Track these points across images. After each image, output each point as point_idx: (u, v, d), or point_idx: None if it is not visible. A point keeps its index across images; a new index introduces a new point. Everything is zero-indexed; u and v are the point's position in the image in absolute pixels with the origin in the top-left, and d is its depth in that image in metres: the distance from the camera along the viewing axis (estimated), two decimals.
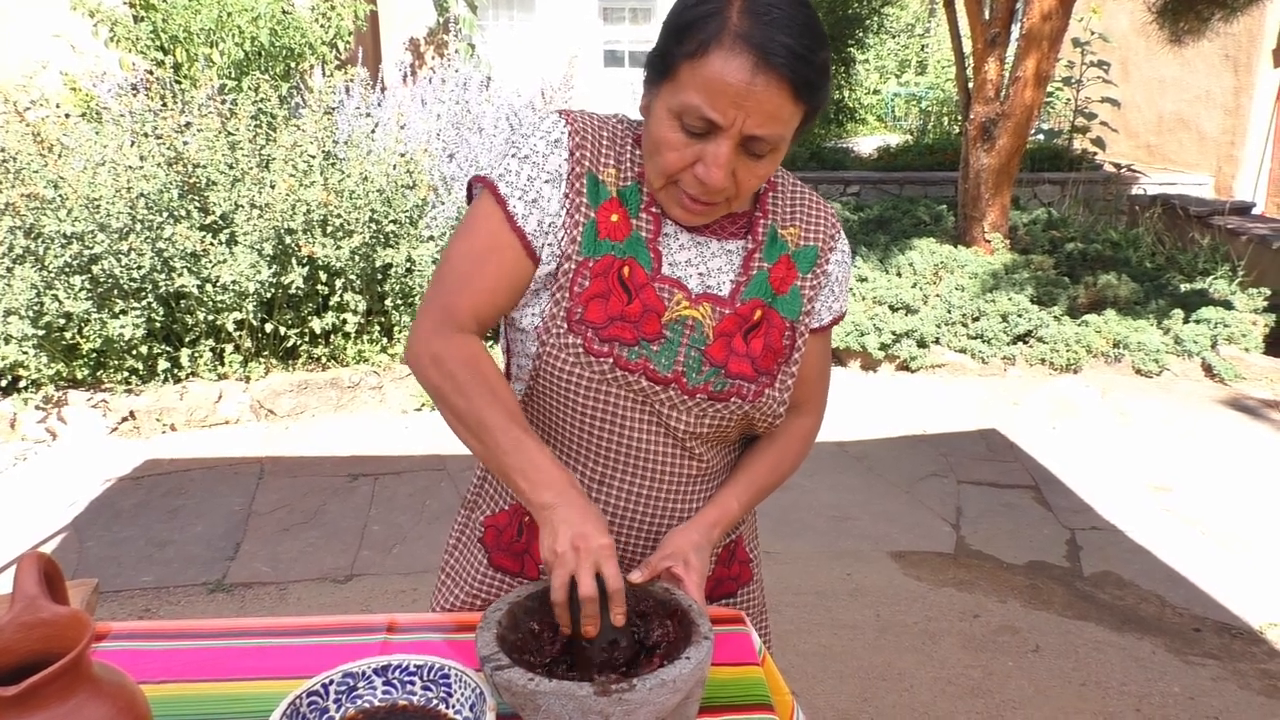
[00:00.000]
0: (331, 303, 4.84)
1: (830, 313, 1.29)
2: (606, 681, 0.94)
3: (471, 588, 1.30)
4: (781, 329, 1.21)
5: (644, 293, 1.15)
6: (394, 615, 1.20)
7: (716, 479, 1.27)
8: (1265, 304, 5.91)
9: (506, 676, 0.93)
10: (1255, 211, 8.04)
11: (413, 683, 1.02)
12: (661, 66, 1.08)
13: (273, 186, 4.61)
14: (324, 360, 4.95)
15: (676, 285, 1.17)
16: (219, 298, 4.51)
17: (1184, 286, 6.29)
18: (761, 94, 1.02)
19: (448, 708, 1.00)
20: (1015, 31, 6.51)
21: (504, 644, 1.00)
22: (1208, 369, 5.40)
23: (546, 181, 1.15)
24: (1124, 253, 6.88)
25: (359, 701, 1.00)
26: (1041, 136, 9.81)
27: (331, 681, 0.99)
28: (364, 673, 1.01)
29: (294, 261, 4.62)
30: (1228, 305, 5.86)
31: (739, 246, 1.22)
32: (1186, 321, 5.66)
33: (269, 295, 4.68)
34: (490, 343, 4.53)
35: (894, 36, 12.65)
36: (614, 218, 1.16)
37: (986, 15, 6.44)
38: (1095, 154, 9.43)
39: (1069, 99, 9.63)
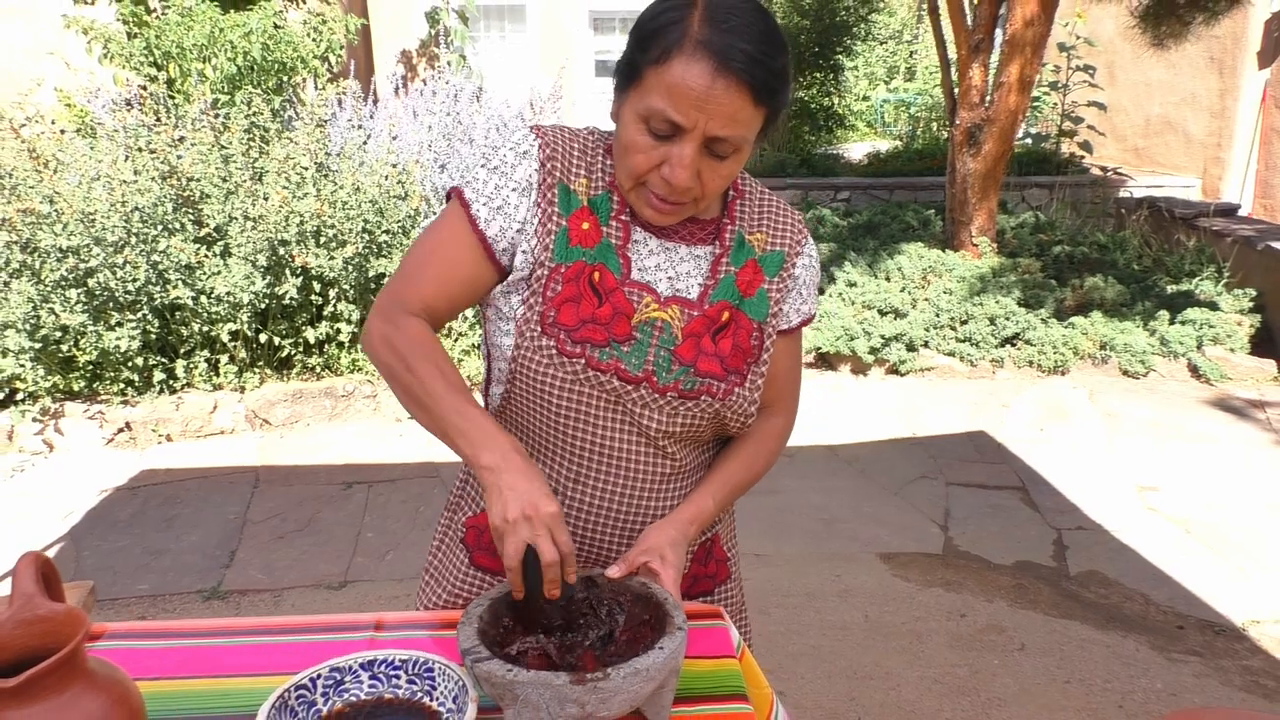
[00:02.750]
0: (325, 312, 4.88)
1: (799, 315, 1.34)
2: (582, 671, 0.98)
3: (454, 586, 1.34)
4: (749, 330, 1.26)
5: (614, 296, 1.20)
6: (382, 614, 1.24)
7: (691, 478, 1.31)
8: (1250, 304, 5.96)
9: (486, 668, 0.96)
10: (1241, 213, 8.10)
11: (398, 677, 1.05)
12: (628, 73, 1.14)
13: (266, 198, 4.66)
14: (318, 370, 4.98)
15: (645, 289, 1.22)
16: (214, 309, 4.55)
17: (1170, 288, 6.35)
18: (722, 97, 1.08)
19: (431, 700, 1.03)
20: (999, 38, 6.57)
21: (484, 638, 1.03)
22: (1193, 370, 5.46)
23: (513, 190, 1.21)
24: (1111, 255, 6.93)
25: (345, 695, 1.03)
26: (1029, 140, 9.88)
27: (319, 676, 1.02)
28: (350, 667, 1.04)
29: (288, 272, 4.66)
30: (1213, 306, 5.92)
31: (707, 252, 1.27)
32: (1172, 323, 5.72)
33: (263, 306, 4.72)
34: (476, 348, 4.58)
35: (882, 43, 12.72)
36: (585, 225, 1.21)
37: (970, 22, 6.51)
38: (1083, 157, 9.49)
39: (1056, 103, 9.70)
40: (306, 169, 4.86)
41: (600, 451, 1.23)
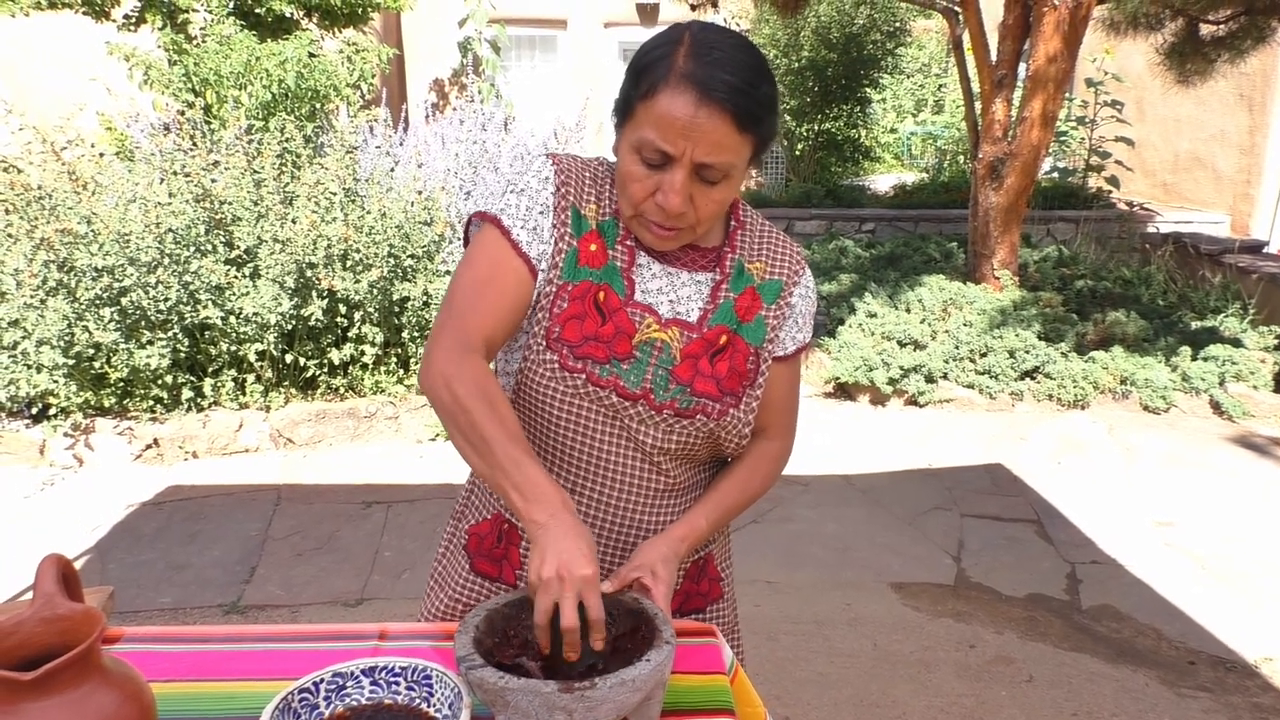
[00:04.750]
0: (350, 334, 4.98)
1: (795, 342, 1.39)
2: (570, 679, 1.02)
3: (455, 592, 1.39)
4: (746, 354, 1.31)
5: (617, 316, 1.26)
6: (386, 624, 1.28)
7: (686, 495, 1.35)
8: (1276, 342, 5.91)
9: (479, 675, 1.01)
10: (1269, 250, 8.05)
11: (398, 683, 1.09)
12: (623, 109, 1.22)
13: (295, 222, 4.77)
14: (342, 391, 5.07)
15: (647, 310, 1.28)
16: (242, 329, 4.66)
17: (1194, 324, 6.31)
18: (706, 125, 1.14)
19: (429, 706, 1.07)
20: (1022, 73, 6.61)
21: (480, 646, 1.08)
22: (1215, 406, 5.42)
23: (540, 212, 1.27)
24: (1135, 290, 6.91)
25: (347, 700, 1.07)
26: (1056, 175, 9.88)
27: (322, 680, 1.06)
28: (353, 673, 1.08)
29: (314, 294, 4.77)
30: (1237, 343, 5.88)
31: (708, 278, 1.33)
32: (1195, 359, 5.69)
33: (290, 327, 4.82)
34: None
35: (910, 76, 12.78)
36: (593, 247, 1.28)
37: (993, 58, 6.55)
38: (1110, 192, 9.48)
39: (1083, 138, 9.71)
40: (335, 194, 4.97)
41: (597, 465, 1.29)
